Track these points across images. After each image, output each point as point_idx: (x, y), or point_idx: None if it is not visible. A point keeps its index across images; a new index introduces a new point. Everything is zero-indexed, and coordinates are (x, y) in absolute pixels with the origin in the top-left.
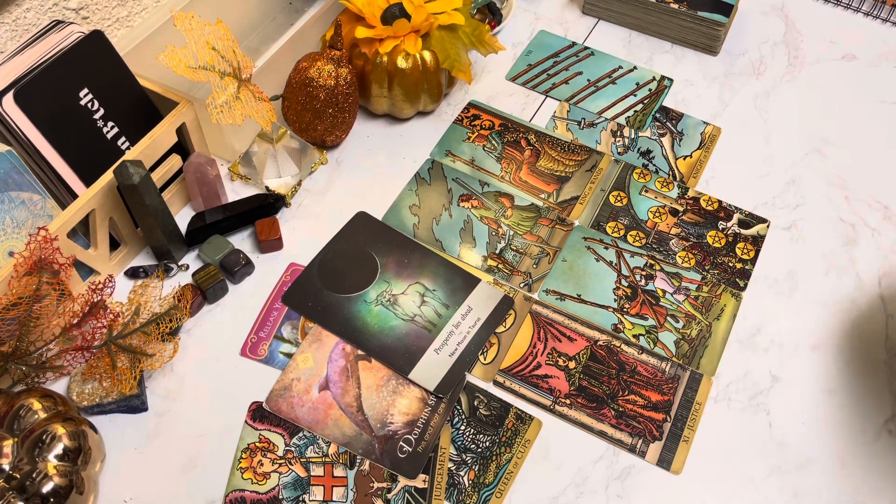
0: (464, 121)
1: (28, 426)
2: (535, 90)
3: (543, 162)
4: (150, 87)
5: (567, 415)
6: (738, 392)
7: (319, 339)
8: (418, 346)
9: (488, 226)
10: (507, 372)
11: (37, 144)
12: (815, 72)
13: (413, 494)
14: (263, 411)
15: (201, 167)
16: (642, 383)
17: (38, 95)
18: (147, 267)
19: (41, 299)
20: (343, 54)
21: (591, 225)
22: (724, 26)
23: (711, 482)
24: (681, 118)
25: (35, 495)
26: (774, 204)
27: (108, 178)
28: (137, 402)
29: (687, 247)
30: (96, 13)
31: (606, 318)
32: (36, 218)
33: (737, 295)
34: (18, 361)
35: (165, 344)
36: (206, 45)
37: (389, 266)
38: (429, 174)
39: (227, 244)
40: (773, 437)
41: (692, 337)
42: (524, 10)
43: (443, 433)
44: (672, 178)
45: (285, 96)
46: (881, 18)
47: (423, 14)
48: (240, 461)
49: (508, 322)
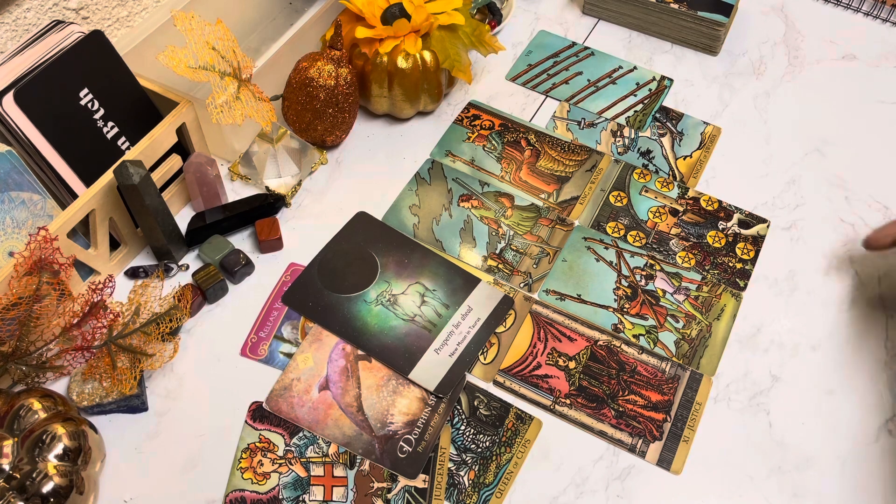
0: (464, 121)
1: (28, 426)
2: (535, 90)
3: (543, 162)
4: (150, 87)
5: (567, 415)
6: (738, 392)
7: (319, 339)
8: (418, 346)
9: (488, 226)
10: (507, 372)
11: (37, 144)
12: (815, 72)
13: (413, 494)
14: (263, 411)
15: (201, 167)
16: (642, 383)
17: (38, 95)
18: (147, 267)
19: (41, 299)
20: (343, 54)
21: (592, 225)
22: (724, 26)
23: (711, 482)
24: (681, 118)
25: (35, 495)
26: (774, 204)
27: (108, 178)
28: (137, 402)
29: (687, 247)
30: (96, 13)
31: (606, 318)
32: (36, 218)
33: (737, 295)
34: (18, 361)
35: (165, 344)
36: (206, 45)
37: (389, 266)
38: (429, 174)
39: (227, 244)
40: (773, 437)
41: (692, 337)
42: (524, 10)
43: (443, 433)
44: (672, 178)
45: (285, 96)
46: (881, 18)
47: (423, 14)
48: (240, 461)
49: (508, 322)
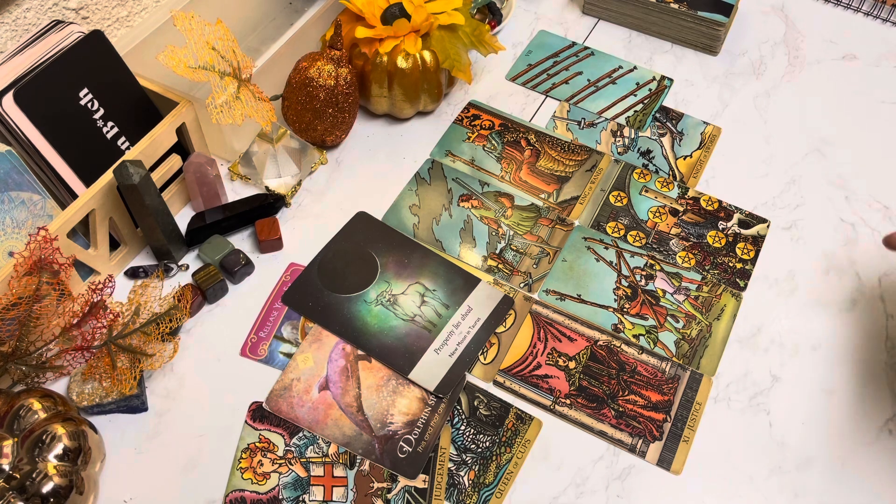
0: (464, 121)
1: (28, 426)
2: (535, 90)
3: (543, 162)
4: (150, 87)
5: (567, 415)
6: (738, 392)
7: (319, 339)
8: (418, 346)
9: (488, 226)
10: (507, 372)
11: (37, 144)
12: (815, 72)
13: (413, 494)
14: (263, 411)
15: (201, 167)
16: (642, 383)
17: (37, 95)
18: (147, 267)
19: (41, 299)
20: (343, 54)
21: (592, 225)
22: (724, 26)
23: (711, 482)
24: (681, 118)
25: (35, 495)
26: (774, 204)
27: (108, 178)
28: (137, 402)
29: (687, 247)
30: (96, 13)
31: (606, 318)
32: (36, 218)
33: (737, 295)
34: (18, 361)
35: (165, 344)
36: (205, 45)
37: (389, 266)
38: (429, 174)
39: (227, 244)
40: (773, 437)
41: (692, 337)
42: (524, 10)
43: (443, 433)
44: (672, 178)
45: (285, 96)
46: (881, 18)
47: (423, 14)
48: (240, 461)
49: (508, 322)
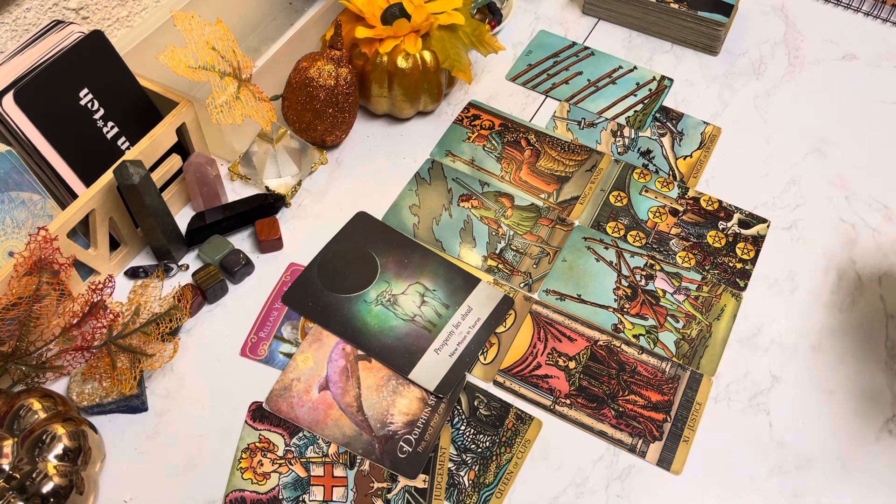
0: (464, 121)
1: (28, 426)
2: (535, 90)
3: (543, 162)
4: (150, 87)
5: (567, 415)
6: (738, 392)
7: (319, 339)
8: (418, 346)
9: (488, 226)
10: (507, 372)
11: (37, 144)
12: (815, 72)
13: (413, 494)
14: (263, 411)
15: (201, 167)
16: (642, 383)
17: (38, 95)
18: (147, 267)
19: (41, 299)
20: (343, 54)
21: (592, 225)
22: (724, 26)
23: (711, 482)
24: (681, 118)
25: (35, 495)
26: (774, 204)
27: (108, 178)
28: (137, 402)
29: (687, 247)
30: (96, 13)
31: (606, 318)
32: (36, 218)
33: (737, 295)
34: (18, 361)
35: (165, 344)
36: (205, 45)
37: (389, 266)
38: (429, 174)
39: (227, 244)
40: (773, 437)
41: (692, 337)
42: (524, 10)
43: (443, 433)
44: (672, 178)
45: (285, 96)
46: (881, 18)
47: (423, 14)
48: (240, 461)
49: (508, 322)
